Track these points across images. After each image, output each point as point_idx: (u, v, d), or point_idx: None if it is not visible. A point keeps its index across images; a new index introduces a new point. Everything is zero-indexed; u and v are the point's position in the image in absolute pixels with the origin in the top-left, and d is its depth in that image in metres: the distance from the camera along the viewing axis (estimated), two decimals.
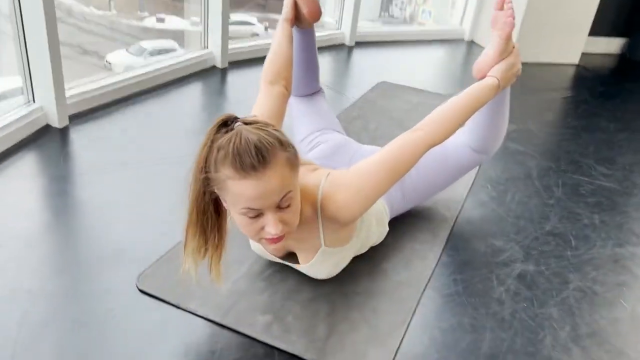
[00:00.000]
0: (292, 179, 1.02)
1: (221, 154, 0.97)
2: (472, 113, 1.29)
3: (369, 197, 1.15)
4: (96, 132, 1.98)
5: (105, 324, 1.17)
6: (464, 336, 1.22)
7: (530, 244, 1.58)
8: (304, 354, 1.12)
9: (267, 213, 1.01)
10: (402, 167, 1.18)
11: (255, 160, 0.95)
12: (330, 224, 1.17)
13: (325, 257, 1.25)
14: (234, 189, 0.98)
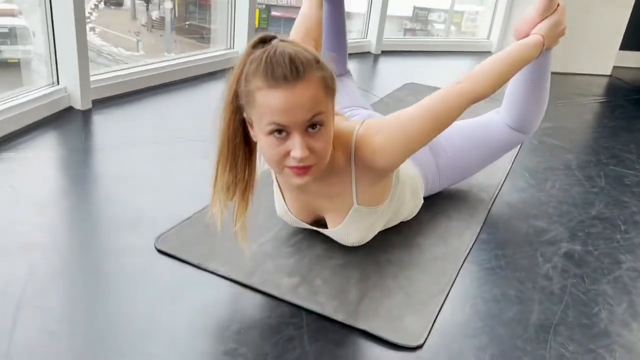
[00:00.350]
0: (326, 102, 0.94)
1: (253, 65, 0.92)
2: (516, 70, 1.21)
3: (407, 145, 1.06)
4: (118, 115, 1.94)
5: (118, 278, 1.08)
6: (510, 307, 1.11)
7: (576, 226, 1.46)
8: (334, 315, 1.02)
9: (294, 134, 0.93)
10: (444, 118, 1.09)
11: (287, 71, 0.89)
12: (365, 173, 1.09)
13: (357, 219, 1.15)
14: (262, 100, 0.91)
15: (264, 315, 1.02)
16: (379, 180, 1.11)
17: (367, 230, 1.18)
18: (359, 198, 1.13)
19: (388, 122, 1.07)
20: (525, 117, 1.46)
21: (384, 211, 1.19)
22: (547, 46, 1.26)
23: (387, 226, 1.30)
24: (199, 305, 1.03)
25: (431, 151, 1.42)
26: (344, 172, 1.09)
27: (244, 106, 0.97)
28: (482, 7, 4.38)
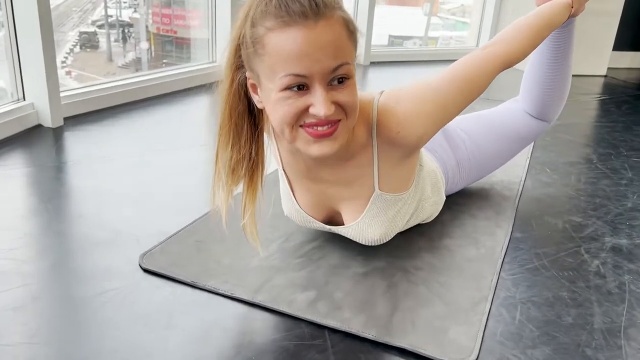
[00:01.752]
0: (350, 50, 0.77)
1: (262, 5, 0.75)
2: (547, 34, 1.07)
3: (437, 114, 0.90)
4: (93, 132, 1.75)
5: (99, 306, 0.88)
6: (567, 310, 0.94)
7: (615, 219, 1.30)
8: (364, 333, 0.84)
9: (316, 87, 0.75)
10: (475, 83, 0.94)
11: (306, 5, 0.72)
12: (388, 151, 0.92)
13: (379, 208, 0.98)
14: (274, 44, 0.74)
15: (277, 337, 0.83)
16: (403, 160, 0.94)
17: (390, 222, 1.00)
18: (381, 183, 0.95)
19: (413, 90, 0.91)
20: (547, 103, 1.32)
21: (408, 200, 1.02)
22: (575, 10, 1.13)
23: (408, 226, 1.13)
24: (198, 330, 0.84)
25: (449, 145, 1.26)
26: (365, 150, 0.92)
27: (248, 61, 0.80)
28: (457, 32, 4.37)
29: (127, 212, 1.21)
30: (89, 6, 5.20)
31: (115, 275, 0.97)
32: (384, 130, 0.89)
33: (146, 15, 4.42)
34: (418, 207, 1.10)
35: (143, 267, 0.99)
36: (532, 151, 1.74)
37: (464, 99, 0.93)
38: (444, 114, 0.90)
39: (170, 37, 3.95)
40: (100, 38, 5.10)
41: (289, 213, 1.07)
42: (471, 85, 0.92)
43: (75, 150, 1.59)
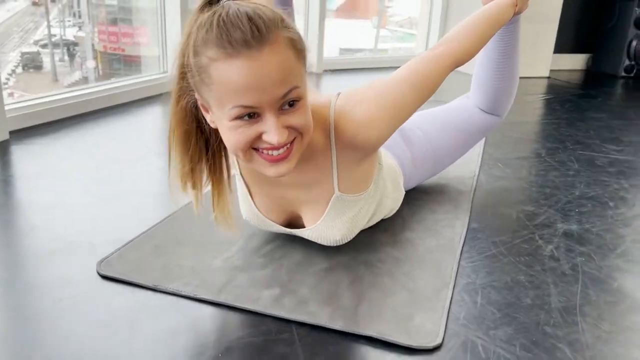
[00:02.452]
0: (299, 70, 0.77)
1: (202, 32, 0.73)
2: (494, 31, 1.11)
3: (394, 115, 0.91)
4: (41, 145, 1.69)
5: (55, 315, 0.85)
6: (526, 292, 0.96)
7: (565, 207, 1.35)
8: (331, 324, 0.83)
9: (267, 115, 0.75)
10: (427, 85, 0.96)
11: (248, 33, 0.70)
12: (346, 154, 0.93)
13: (339, 209, 0.98)
14: (219, 76, 0.72)
15: (243, 334, 0.82)
16: (362, 161, 0.96)
17: (351, 222, 1.01)
18: (340, 184, 0.96)
19: (369, 92, 0.92)
20: (497, 98, 1.36)
21: (368, 199, 1.03)
22: (519, 8, 1.17)
23: (370, 224, 1.14)
24: (163, 333, 0.82)
25: (404, 141, 1.29)
26: (324, 154, 0.92)
27: (195, 86, 0.79)
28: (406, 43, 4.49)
29: (81, 223, 1.17)
30: (30, 25, 5.04)
31: (72, 284, 0.93)
32: (342, 134, 0.89)
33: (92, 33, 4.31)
34: (380, 205, 1.11)
35: (101, 274, 0.96)
36: (484, 148, 1.79)
37: (418, 98, 0.95)
38: (400, 114, 0.92)
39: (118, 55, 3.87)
40: (43, 58, 4.94)
41: (247, 217, 1.06)
42: (424, 85, 0.94)
43: (23, 163, 1.53)
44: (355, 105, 0.89)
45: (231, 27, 0.71)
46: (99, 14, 4.16)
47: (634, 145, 1.94)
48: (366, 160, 0.96)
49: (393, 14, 5.35)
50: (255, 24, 0.72)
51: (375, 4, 6.30)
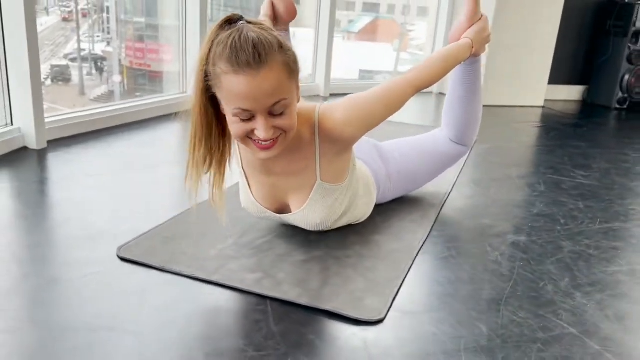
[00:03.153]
0: (289, 86, 1.02)
1: (219, 48, 0.98)
2: (451, 66, 1.34)
3: (366, 119, 1.17)
4: (73, 153, 1.95)
5: (81, 285, 1.09)
6: (464, 286, 1.17)
7: (520, 222, 1.56)
8: (297, 300, 1.06)
9: (259, 117, 1.01)
10: (395, 99, 1.22)
11: (251, 57, 0.96)
12: (328, 146, 1.18)
13: (320, 195, 1.23)
14: (227, 84, 0.98)
15: (229, 306, 1.05)
16: (339, 155, 1.20)
17: (329, 209, 1.25)
18: (322, 173, 1.20)
19: (348, 100, 1.18)
20: (463, 130, 1.58)
21: (343, 190, 1.26)
22: (475, 49, 1.40)
23: (344, 223, 1.36)
24: (165, 302, 1.04)
25: (382, 160, 1.51)
26: (309, 145, 1.17)
27: (213, 86, 1.03)
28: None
29: (106, 217, 1.41)
30: (61, 40, 5.36)
31: (97, 263, 1.17)
32: (324, 129, 1.15)
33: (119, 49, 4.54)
34: (353, 202, 1.34)
35: (120, 257, 1.19)
36: (462, 169, 2.00)
37: (386, 111, 1.21)
38: (371, 120, 1.18)
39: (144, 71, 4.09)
40: (72, 71, 5.24)
41: (245, 205, 1.31)
42: (392, 102, 1.21)
43: (58, 168, 1.79)
44: (335, 109, 1.16)
45: (240, 50, 0.96)
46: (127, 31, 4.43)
47: (601, 172, 2.13)
48: (343, 155, 1.21)
49: (414, 37, 5.52)
50: (257, 50, 0.97)
51: (397, 27, 6.52)
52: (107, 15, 4.88)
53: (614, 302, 1.15)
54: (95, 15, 5.22)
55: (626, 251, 1.41)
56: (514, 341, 0.98)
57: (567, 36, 3.77)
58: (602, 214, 1.67)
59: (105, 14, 4.97)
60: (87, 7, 5.05)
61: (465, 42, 1.38)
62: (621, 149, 2.59)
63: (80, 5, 5.05)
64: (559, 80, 3.85)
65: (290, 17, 1.63)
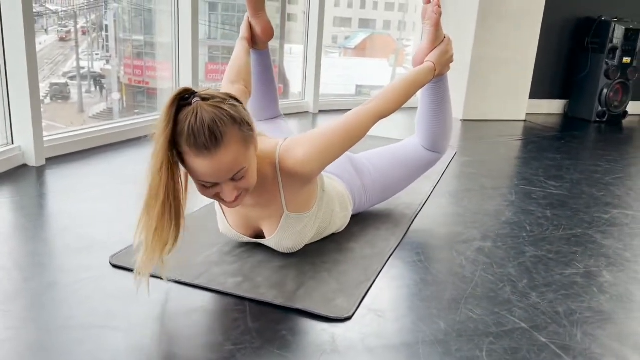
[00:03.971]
0: (246, 155, 1.12)
1: (179, 128, 1.05)
2: (414, 91, 1.44)
3: (325, 155, 1.25)
4: (71, 169, 2.06)
5: (76, 288, 1.19)
6: (428, 287, 1.28)
7: (488, 229, 1.67)
8: (273, 301, 1.16)
9: (222, 185, 1.12)
10: (355, 132, 1.30)
11: (208, 141, 1.04)
12: (290, 181, 1.26)
13: (289, 224, 1.32)
14: (190, 163, 1.08)
15: (211, 306, 1.15)
16: (303, 187, 1.29)
17: (299, 235, 1.34)
18: (288, 205, 1.30)
19: (307, 137, 1.27)
20: (435, 139, 1.69)
21: (311, 218, 1.36)
22: (439, 71, 1.51)
23: (322, 236, 1.47)
24: (152, 302, 1.15)
25: (357, 172, 1.62)
26: (272, 182, 1.27)
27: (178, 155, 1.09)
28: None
29: (100, 228, 1.52)
30: (60, 58, 5.46)
31: (90, 269, 1.27)
32: (284, 166, 1.24)
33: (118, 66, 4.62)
34: (330, 220, 1.44)
35: (112, 264, 1.30)
36: (438, 181, 2.11)
37: (346, 144, 1.29)
38: (330, 155, 1.26)
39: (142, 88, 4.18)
40: (71, 89, 5.33)
41: (223, 231, 1.41)
42: (352, 134, 1.29)
43: (56, 183, 1.90)
44: (295, 147, 1.24)
45: (197, 134, 1.03)
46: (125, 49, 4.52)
47: (572, 182, 2.25)
48: (307, 187, 1.30)
49: (410, 52, 5.64)
50: (213, 133, 1.04)
51: (393, 42, 6.65)
52: (105, 34, 4.97)
53: (566, 300, 1.25)
54: (94, 34, 5.33)
55: (584, 255, 1.52)
56: (468, 335, 1.09)
57: (547, 52, 3.92)
58: (566, 222, 1.78)
59: (104, 32, 5.06)
60: (87, 25, 5.14)
61: (427, 66, 1.48)
62: (595, 160, 2.71)
63: (80, 24, 5.14)
64: (540, 95, 3.99)
65: (267, 37, 1.74)
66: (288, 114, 3.40)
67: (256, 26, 1.69)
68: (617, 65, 3.79)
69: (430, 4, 1.52)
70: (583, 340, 1.10)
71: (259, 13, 1.70)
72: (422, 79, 1.46)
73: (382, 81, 5.76)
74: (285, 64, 4.38)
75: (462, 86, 3.58)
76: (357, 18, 9.66)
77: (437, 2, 1.50)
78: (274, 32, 1.73)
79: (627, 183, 2.31)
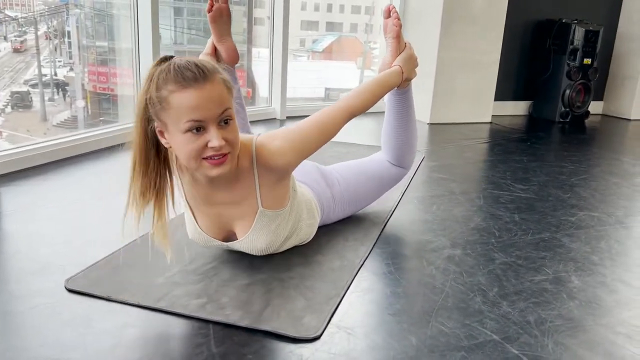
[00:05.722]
0: (229, 99, 1.12)
1: (162, 75, 1.07)
2: (383, 92, 1.44)
3: (301, 148, 1.25)
4: (25, 186, 1.97)
5: (29, 316, 1.12)
6: (399, 300, 1.25)
7: (457, 236, 1.66)
8: (239, 322, 1.11)
9: (210, 127, 1.08)
10: (329, 128, 1.31)
11: (196, 73, 1.06)
12: (266, 175, 1.24)
13: (263, 222, 1.29)
14: (177, 101, 1.06)
15: (173, 331, 1.10)
16: (278, 182, 1.27)
17: (273, 234, 1.31)
18: (263, 201, 1.27)
19: (283, 131, 1.27)
20: (400, 154, 1.68)
21: (285, 216, 1.33)
22: (406, 75, 1.50)
23: (289, 245, 1.43)
24: (111, 330, 1.09)
25: (326, 183, 1.59)
26: (248, 175, 1.24)
27: (156, 114, 1.10)
28: None
29: (56, 248, 1.45)
30: (21, 65, 5.29)
31: (45, 295, 1.20)
32: (261, 159, 1.22)
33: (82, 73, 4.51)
34: (297, 225, 1.40)
35: (67, 288, 1.23)
36: (406, 188, 2.09)
37: (321, 139, 1.29)
38: (305, 149, 1.26)
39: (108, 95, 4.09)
40: (33, 97, 5.17)
41: (192, 236, 1.36)
42: (326, 130, 1.29)
43: (9, 202, 1.81)
44: (271, 140, 1.23)
45: (185, 69, 1.07)
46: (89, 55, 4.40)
47: (539, 185, 2.26)
48: (282, 182, 1.28)
49: (377, 55, 5.69)
50: (200, 68, 1.08)
51: (360, 45, 6.67)
52: (68, 40, 4.83)
53: (536, 308, 1.24)
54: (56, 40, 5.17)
55: (553, 260, 1.52)
56: (440, 350, 1.06)
57: (511, 54, 3.97)
58: (534, 226, 1.78)
59: (66, 39, 4.92)
60: (48, 31, 4.99)
61: (395, 69, 1.48)
62: (559, 161, 2.74)
63: (41, 31, 4.99)
64: (505, 97, 4.04)
65: (232, 62, 1.73)
66: (255, 121, 3.35)
67: (222, 52, 1.69)
68: (579, 66, 3.86)
69: (390, 18, 1.53)
70: (554, 350, 1.08)
71: (224, 38, 1.70)
72: (391, 80, 1.46)
73: (350, 84, 5.78)
74: (253, 68, 4.33)
75: (428, 90, 3.59)
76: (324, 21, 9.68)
77: (396, 15, 1.52)
78: (239, 57, 1.71)
79: (591, 184, 2.34)
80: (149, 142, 1.14)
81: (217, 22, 1.66)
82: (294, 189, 1.36)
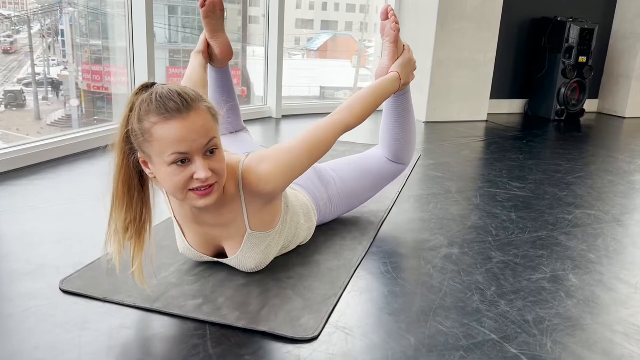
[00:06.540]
0: (215, 129, 1.08)
1: (144, 105, 1.03)
2: (380, 102, 1.41)
3: (289, 171, 1.20)
4: (17, 186, 1.95)
5: (22, 319, 1.11)
6: (396, 299, 1.24)
7: (454, 235, 1.65)
8: (236, 323, 1.10)
9: (196, 159, 1.04)
10: (321, 145, 1.25)
11: (179, 104, 1.02)
12: (253, 199, 1.21)
13: (252, 243, 1.26)
14: (160, 134, 1.02)
15: (169, 332, 1.09)
16: (267, 205, 1.24)
17: (263, 254, 1.29)
18: (251, 224, 1.24)
19: (271, 152, 1.21)
20: (398, 151, 1.66)
21: (275, 236, 1.30)
22: (404, 80, 1.48)
23: (287, 250, 1.42)
24: (106, 331, 1.07)
25: (321, 182, 1.58)
26: (235, 199, 1.21)
27: (138, 146, 1.06)
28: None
29: (50, 249, 1.43)
30: (14, 64, 5.25)
31: (39, 297, 1.19)
32: (247, 184, 1.18)
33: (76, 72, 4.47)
34: (294, 235, 1.39)
35: (62, 289, 1.22)
36: (403, 186, 2.09)
37: (312, 159, 1.24)
38: (294, 171, 1.21)
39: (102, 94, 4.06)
40: (27, 96, 5.13)
41: (182, 251, 1.34)
42: (317, 148, 1.24)
43: (1, 203, 1.79)
44: (259, 163, 1.19)
45: (167, 99, 1.03)
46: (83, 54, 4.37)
47: (536, 183, 2.26)
48: (270, 204, 1.25)
49: (372, 53, 5.68)
50: (183, 98, 1.04)
51: (355, 44, 6.66)
52: (62, 39, 4.80)
53: (534, 307, 1.24)
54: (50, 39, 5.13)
55: (550, 259, 1.52)
56: (439, 350, 1.06)
57: (507, 52, 3.97)
58: (531, 224, 1.78)
59: (60, 37, 4.88)
60: (42, 30, 4.96)
61: (392, 76, 1.45)
62: (555, 159, 2.74)
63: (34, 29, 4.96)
64: (501, 95, 4.04)
65: (226, 58, 1.69)
66: (251, 120, 3.34)
67: (214, 47, 1.65)
68: (574, 64, 3.86)
69: (388, 20, 1.49)
70: (553, 349, 1.08)
71: (217, 34, 1.65)
72: (388, 88, 1.43)
73: (346, 82, 5.77)
74: (249, 66, 4.31)
75: (424, 88, 3.59)
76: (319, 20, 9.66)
77: (394, 19, 1.48)
78: (232, 53, 1.68)
79: (587, 182, 2.34)
80: (132, 173, 1.10)
81: (210, 17, 1.63)
82: (286, 205, 1.33)
